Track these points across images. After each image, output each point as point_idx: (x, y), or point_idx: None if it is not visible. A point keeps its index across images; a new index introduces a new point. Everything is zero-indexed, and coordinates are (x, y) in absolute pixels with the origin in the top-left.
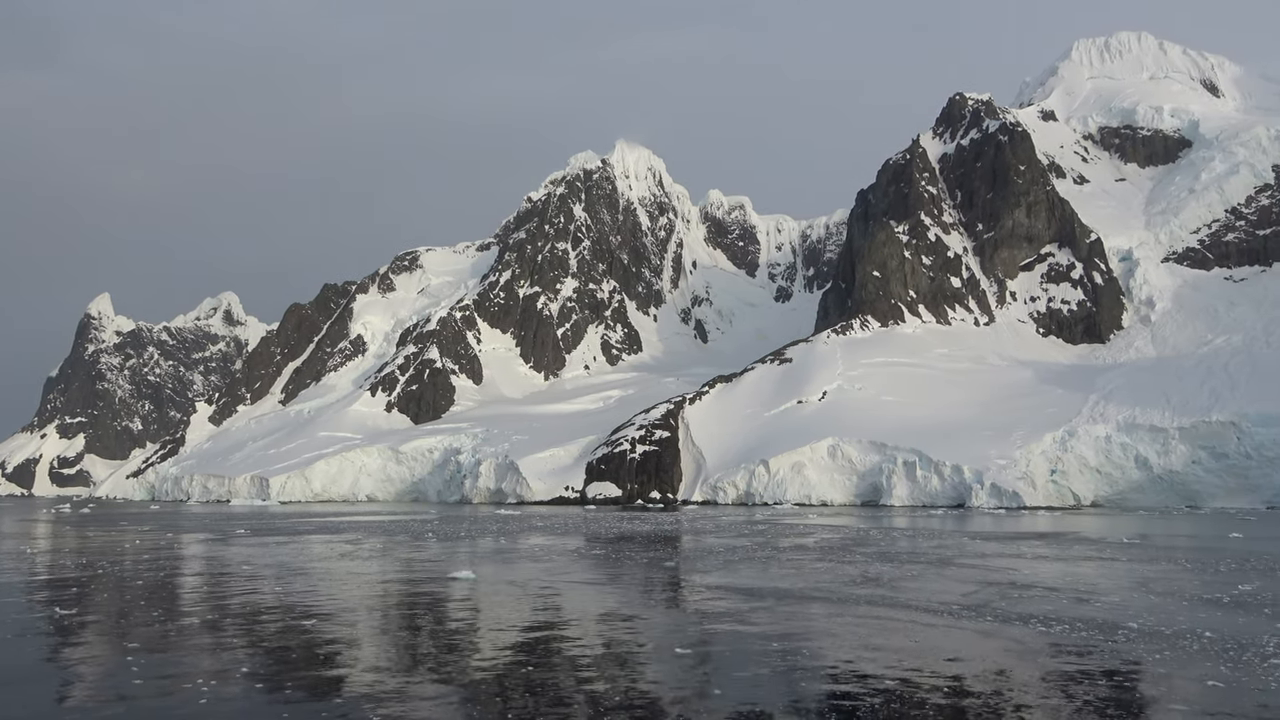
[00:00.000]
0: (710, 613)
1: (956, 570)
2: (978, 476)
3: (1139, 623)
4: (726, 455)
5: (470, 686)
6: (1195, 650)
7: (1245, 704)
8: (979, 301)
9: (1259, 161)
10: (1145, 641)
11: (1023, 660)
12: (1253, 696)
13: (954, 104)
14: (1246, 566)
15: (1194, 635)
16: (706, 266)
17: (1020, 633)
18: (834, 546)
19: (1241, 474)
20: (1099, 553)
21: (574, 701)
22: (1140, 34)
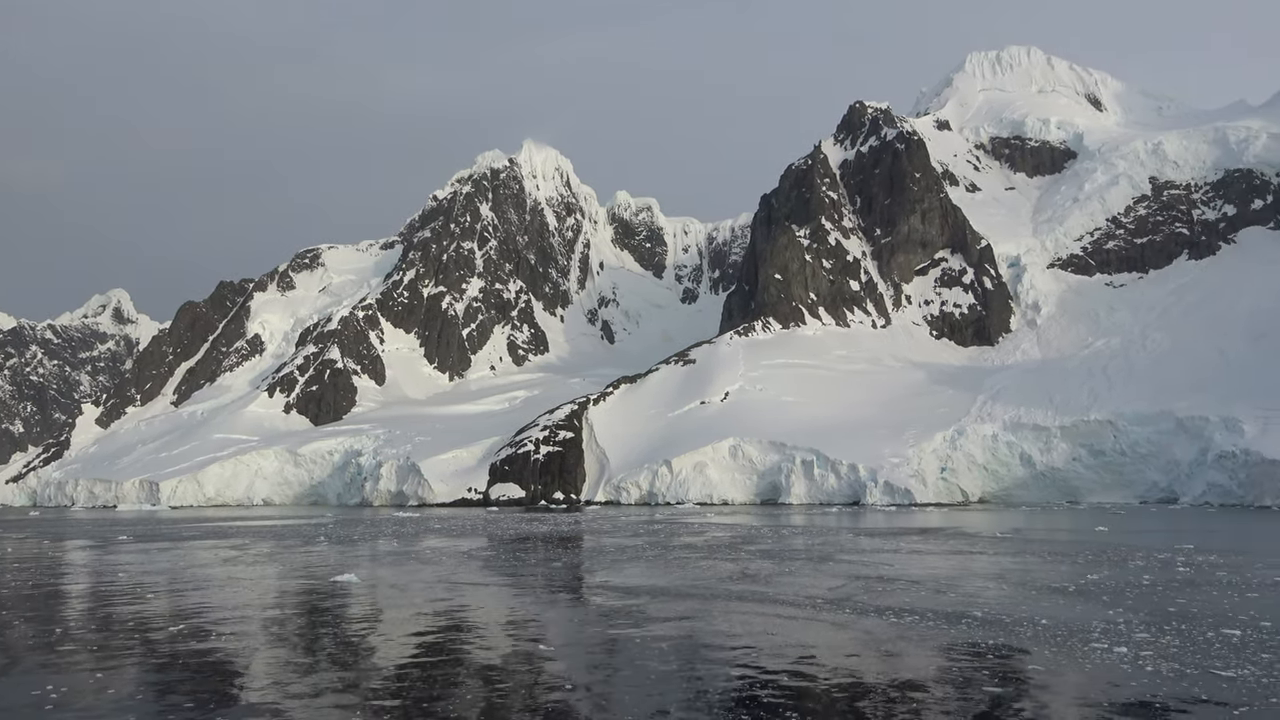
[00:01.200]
0: (582, 610)
1: (832, 566)
2: (872, 475)
3: (984, 612)
4: (630, 456)
5: (343, 696)
6: (1027, 636)
7: (1058, 685)
8: (876, 304)
9: (1137, 173)
10: (983, 629)
11: (865, 649)
12: (1067, 678)
13: (854, 112)
14: (1101, 558)
15: (1031, 622)
16: (614, 267)
17: (872, 624)
18: (722, 544)
19: (1117, 470)
20: (970, 547)
21: (429, 710)
22: (1030, 49)
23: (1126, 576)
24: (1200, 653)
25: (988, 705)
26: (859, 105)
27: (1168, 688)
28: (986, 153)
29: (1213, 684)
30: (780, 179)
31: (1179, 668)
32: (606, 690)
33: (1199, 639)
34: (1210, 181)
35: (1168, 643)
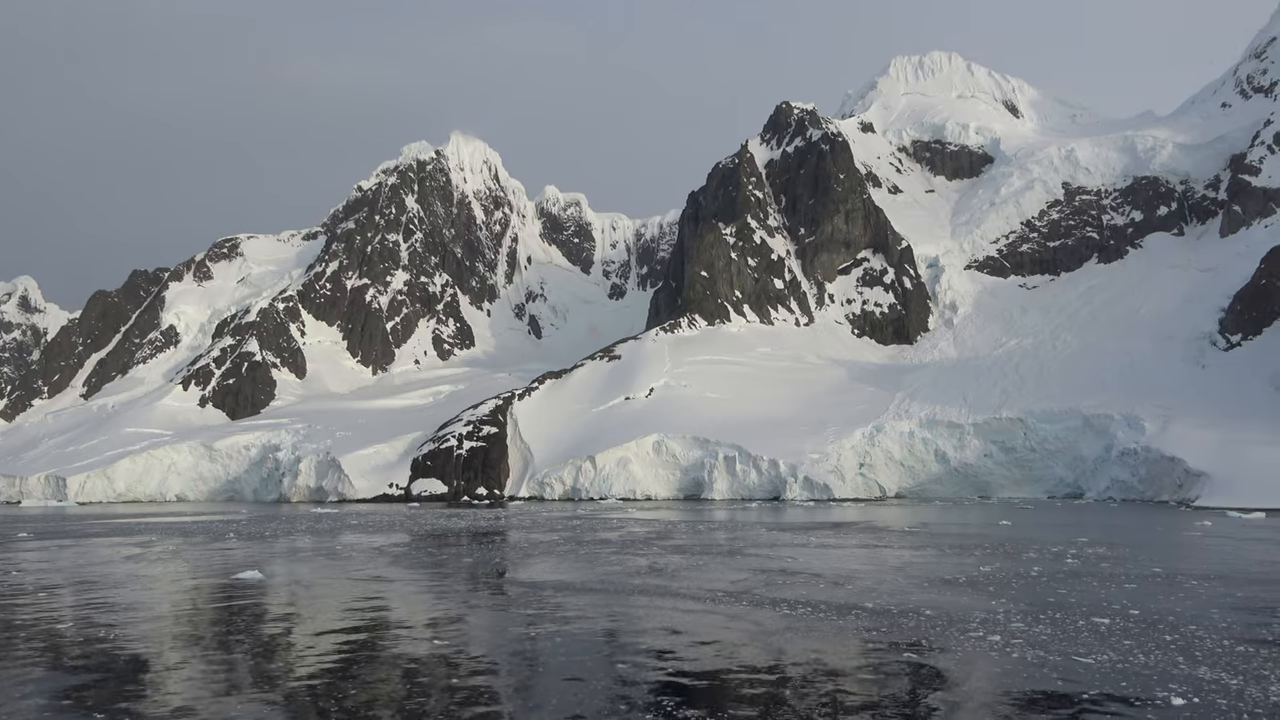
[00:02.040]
0: (483, 605)
1: (740, 560)
2: (792, 470)
3: (875, 604)
4: (554, 451)
5: (228, 701)
6: (909, 627)
7: (924, 673)
8: (800, 303)
9: (1051, 179)
10: (870, 619)
11: (753, 639)
12: (936, 666)
13: (781, 112)
14: (998, 552)
15: (916, 613)
16: (541, 262)
17: (764, 615)
18: (637, 540)
19: (1027, 466)
20: (877, 541)
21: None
22: (951, 55)
23: (1017, 569)
24: (1068, 640)
25: (851, 689)
26: (785, 106)
27: (1028, 673)
28: (908, 155)
29: (1071, 669)
30: (708, 177)
31: (1043, 655)
32: (490, 684)
33: (1070, 627)
34: (1119, 188)
35: (1039, 631)
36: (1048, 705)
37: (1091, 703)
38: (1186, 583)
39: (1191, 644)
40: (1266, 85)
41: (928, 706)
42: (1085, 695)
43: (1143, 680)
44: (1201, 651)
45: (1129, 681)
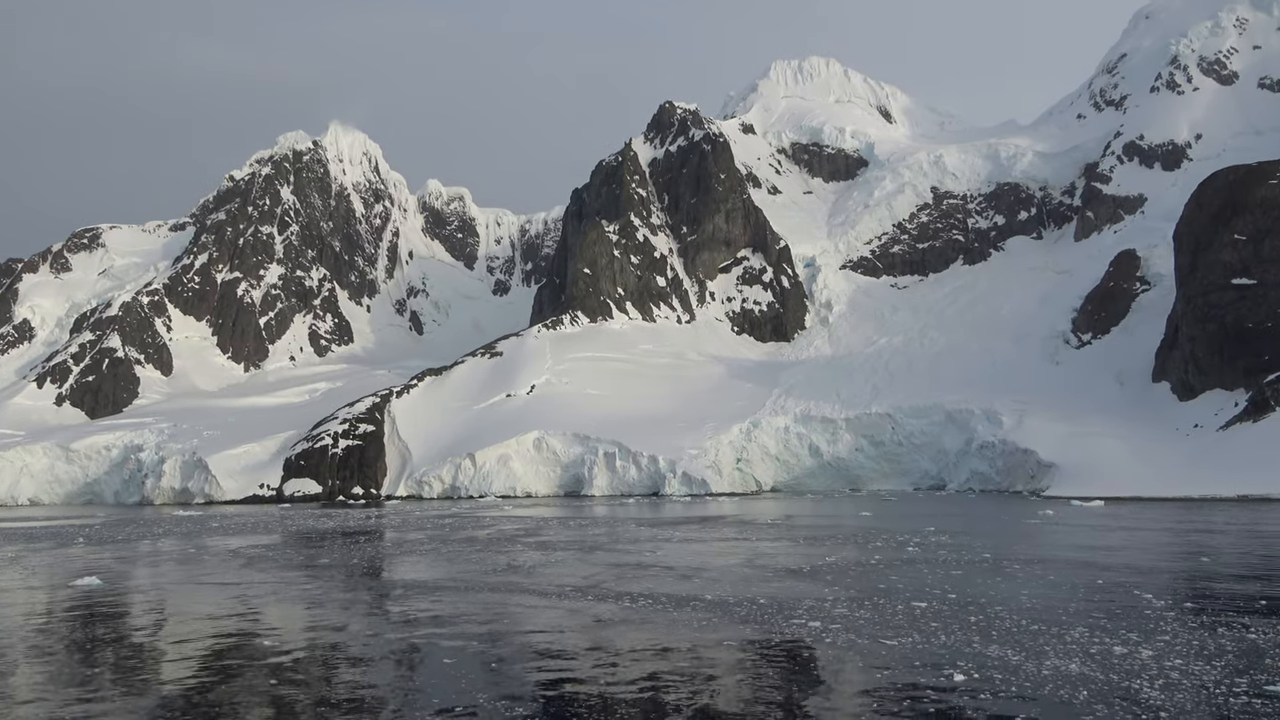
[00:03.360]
0: (324, 604)
1: (601, 555)
2: (671, 466)
3: (714, 595)
4: (433, 449)
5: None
6: (740, 615)
7: (738, 658)
8: (681, 300)
9: (920, 183)
10: (704, 609)
11: (585, 631)
12: (752, 651)
13: (664, 112)
14: (849, 542)
15: (751, 602)
16: (423, 257)
17: (604, 608)
18: (504, 538)
19: (895, 460)
20: (739, 534)
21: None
22: (829, 60)
23: (860, 558)
24: (881, 624)
25: (659, 677)
26: (669, 105)
27: (834, 655)
28: (788, 157)
29: (873, 651)
30: (592, 175)
31: (853, 638)
32: (311, 681)
33: (888, 612)
34: (984, 193)
35: (858, 616)
36: (835, 685)
37: (880, 681)
38: (1009, 567)
39: (992, 624)
40: (1117, 99)
41: (723, 691)
42: (878, 674)
43: (935, 659)
44: (998, 631)
45: (922, 661)
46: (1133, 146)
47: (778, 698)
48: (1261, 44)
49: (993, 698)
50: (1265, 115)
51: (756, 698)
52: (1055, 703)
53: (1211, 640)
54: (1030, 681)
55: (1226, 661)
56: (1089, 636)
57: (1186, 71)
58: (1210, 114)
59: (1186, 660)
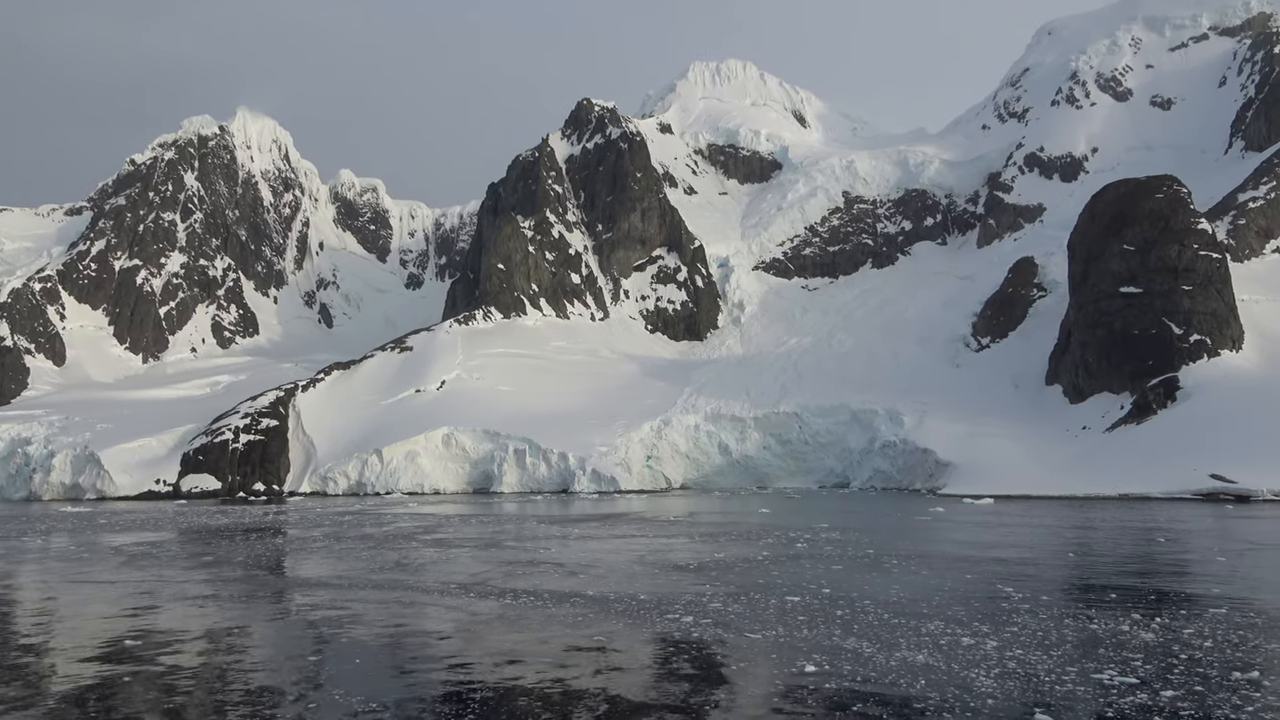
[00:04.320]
0: (188, 597)
1: (494, 552)
2: (581, 463)
3: (596, 590)
4: (339, 445)
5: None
6: (618, 611)
7: (603, 654)
8: (596, 298)
9: (832, 187)
10: (583, 605)
11: (457, 629)
12: (617, 645)
13: (582, 108)
14: (742, 538)
15: (631, 598)
16: (334, 249)
17: (484, 605)
18: (401, 535)
19: (801, 458)
20: (638, 531)
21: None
22: (746, 63)
23: (748, 554)
24: (751, 619)
25: (518, 673)
26: (587, 102)
27: (695, 648)
28: (704, 158)
29: (736, 644)
30: (508, 169)
31: (720, 633)
32: (170, 681)
33: (760, 606)
34: (893, 199)
35: (731, 610)
36: (686, 677)
37: (732, 673)
38: (888, 562)
39: (856, 618)
40: (1020, 111)
41: (571, 686)
42: (733, 667)
43: (792, 651)
44: (860, 624)
45: (780, 653)
46: (1033, 158)
47: (622, 691)
48: (1154, 64)
49: (835, 687)
50: (1156, 131)
51: (600, 691)
52: (893, 691)
53: (1055, 631)
54: (875, 672)
55: (1064, 651)
56: (943, 629)
57: (1085, 87)
58: (1106, 128)
59: (1027, 650)
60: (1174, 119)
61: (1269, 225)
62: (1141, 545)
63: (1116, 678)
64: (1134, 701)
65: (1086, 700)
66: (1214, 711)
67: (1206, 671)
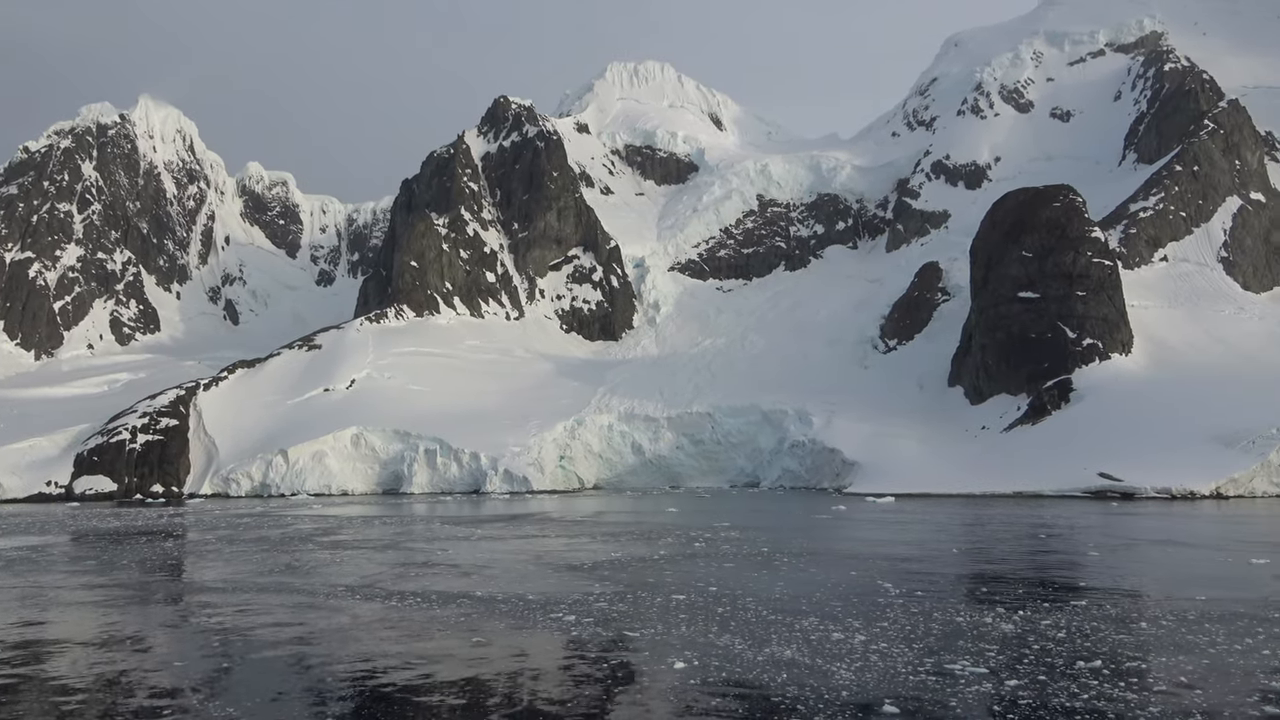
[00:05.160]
0: (64, 603)
1: (390, 554)
2: (493, 463)
3: (485, 591)
4: (243, 445)
5: None
6: (502, 611)
7: (483, 654)
8: (511, 297)
9: (747, 190)
10: (470, 606)
11: (334, 632)
12: (495, 645)
13: (498, 106)
14: (643, 538)
15: (520, 599)
16: (241, 243)
17: (368, 608)
18: (298, 537)
19: (713, 458)
20: (540, 531)
21: None
22: (664, 65)
23: (645, 553)
24: (634, 617)
25: (378, 675)
26: (503, 100)
27: (571, 647)
28: (621, 158)
29: (613, 642)
30: (422, 166)
31: (599, 631)
32: (30, 686)
33: (645, 605)
34: (805, 202)
35: (615, 610)
36: (555, 674)
37: (600, 671)
38: (779, 560)
39: (735, 615)
40: (928, 120)
41: (448, 688)
42: (603, 665)
43: (665, 649)
44: (737, 621)
45: (652, 651)
46: (940, 165)
47: (480, 693)
48: (1054, 77)
49: (699, 683)
50: (1055, 142)
51: (459, 693)
52: (754, 686)
53: (923, 625)
54: (741, 668)
55: (926, 644)
56: (817, 625)
57: (989, 98)
58: (1009, 138)
59: (892, 644)
60: (1072, 131)
61: (1158, 234)
62: (1023, 542)
63: (968, 668)
64: (978, 691)
65: (935, 690)
66: (1050, 700)
67: (1054, 661)
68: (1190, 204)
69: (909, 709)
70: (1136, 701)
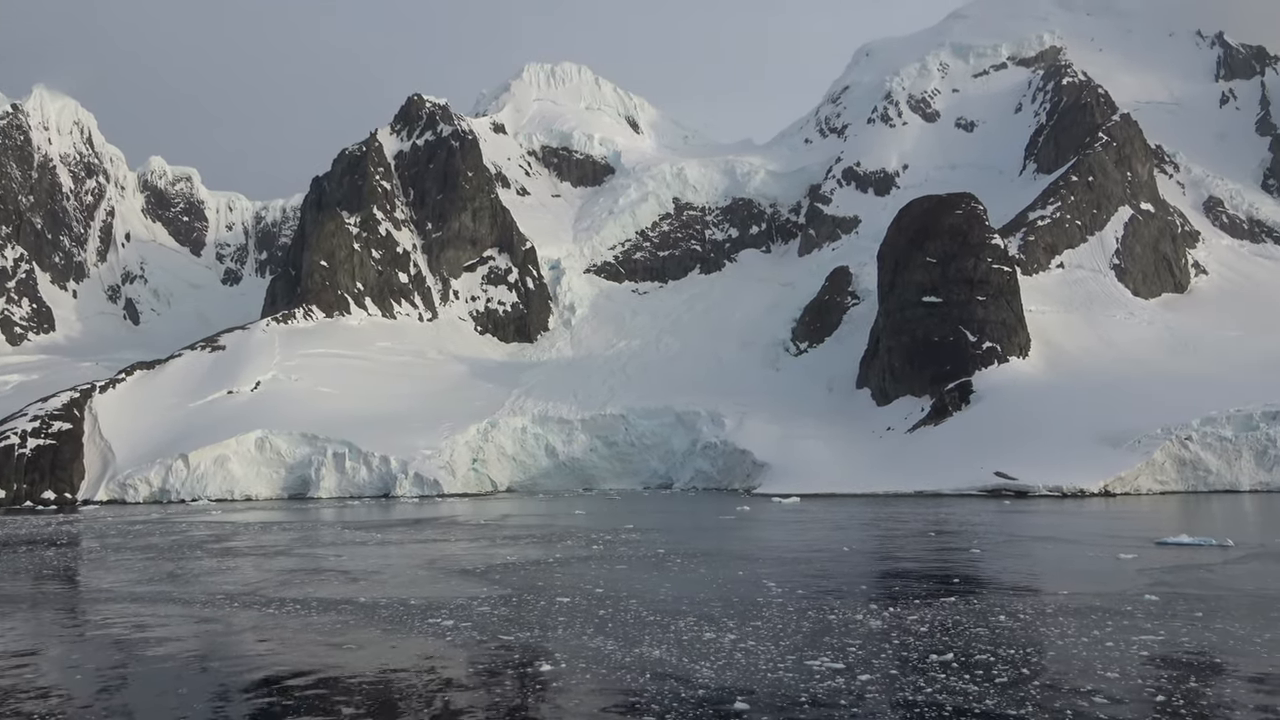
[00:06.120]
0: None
1: (280, 560)
2: (403, 466)
3: (369, 597)
4: (141, 449)
5: None
6: (384, 617)
7: (349, 661)
8: (424, 298)
9: (663, 193)
10: (349, 613)
11: (202, 640)
12: (368, 650)
13: (412, 104)
14: (543, 541)
15: (401, 604)
16: (143, 240)
17: (244, 615)
18: (190, 544)
19: (627, 459)
20: (441, 535)
21: None
22: (581, 67)
23: (541, 556)
24: (513, 621)
25: (253, 680)
26: (417, 98)
27: (442, 652)
28: (537, 159)
29: (484, 646)
30: (334, 163)
31: (475, 635)
32: None
33: (528, 609)
34: (720, 206)
35: (497, 614)
36: (416, 684)
37: (467, 674)
38: (672, 561)
39: (615, 617)
40: (839, 127)
41: (303, 695)
42: (471, 668)
43: (537, 652)
44: (615, 624)
45: (523, 654)
46: (850, 172)
47: (337, 700)
48: (959, 88)
49: (561, 686)
50: (960, 151)
51: (313, 699)
52: (615, 687)
53: (795, 623)
54: (606, 668)
55: (792, 641)
56: (692, 625)
57: (898, 107)
58: (916, 147)
59: (759, 642)
60: (976, 140)
61: (1054, 242)
62: (913, 540)
63: (826, 664)
64: (829, 686)
65: (789, 686)
66: (896, 693)
67: (909, 655)
68: (1085, 213)
69: (759, 704)
70: (976, 694)
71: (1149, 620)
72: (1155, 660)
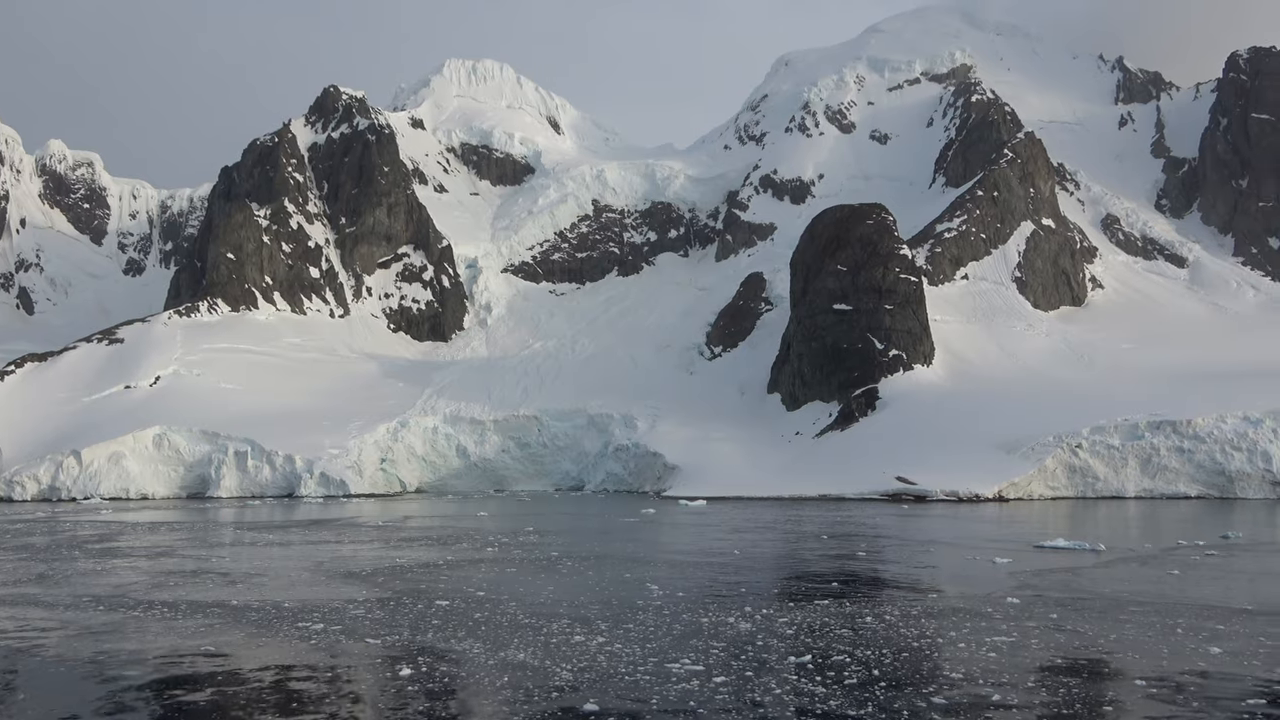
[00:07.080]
0: None
1: (160, 562)
2: (308, 466)
3: (242, 600)
4: (30, 445)
5: None
6: (253, 620)
7: (203, 666)
8: (336, 294)
9: (583, 195)
10: (220, 615)
11: (54, 642)
12: (250, 652)
13: (328, 95)
14: (439, 543)
15: (276, 607)
16: (40, 227)
17: (109, 618)
18: (69, 544)
19: (539, 461)
20: (336, 536)
21: None
22: (503, 65)
23: (432, 558)
24: (385, 625)
25: (98, 684)
26: (333, 90)
27: (306, 655)
28: (456, 157)
29: (346, 651)
30: (244, 153)
31: (342, 639)
32: None
33: (404, 612)
34: (639, 209)
35: (370, 617)
36: (266, 688)
37: (325, 678)
38: (563, 564)
39: (490, 620)
40: (758, 135)
41: (143, 700)
42: (329, 672)
43: (400, 656)
44: (489, 626)
45: (385, 658)
46: (768, 180)
47: (186, 703)
48: (875, 101)
49: (416, 690)
50: (873, 163)
51: (162, 703)
52: (471, 689)
53: (666, 625)
54: (466, 671)
55: (659, 644)
56: (565, 628)
57: (815, 117)
58: (832, 157)
59: (626, 645)
60: (889, 153)
61: (960, 254)
62: (805, 543)
63: (686, 667)
64: (683, 688)
65: (643, 689)
66: (745, 695)
67: (768, 658)
68: (989, 227)
69: (608, 707)
70: (822, 695)
71: (1005, 622)
72: (1001, 660)
